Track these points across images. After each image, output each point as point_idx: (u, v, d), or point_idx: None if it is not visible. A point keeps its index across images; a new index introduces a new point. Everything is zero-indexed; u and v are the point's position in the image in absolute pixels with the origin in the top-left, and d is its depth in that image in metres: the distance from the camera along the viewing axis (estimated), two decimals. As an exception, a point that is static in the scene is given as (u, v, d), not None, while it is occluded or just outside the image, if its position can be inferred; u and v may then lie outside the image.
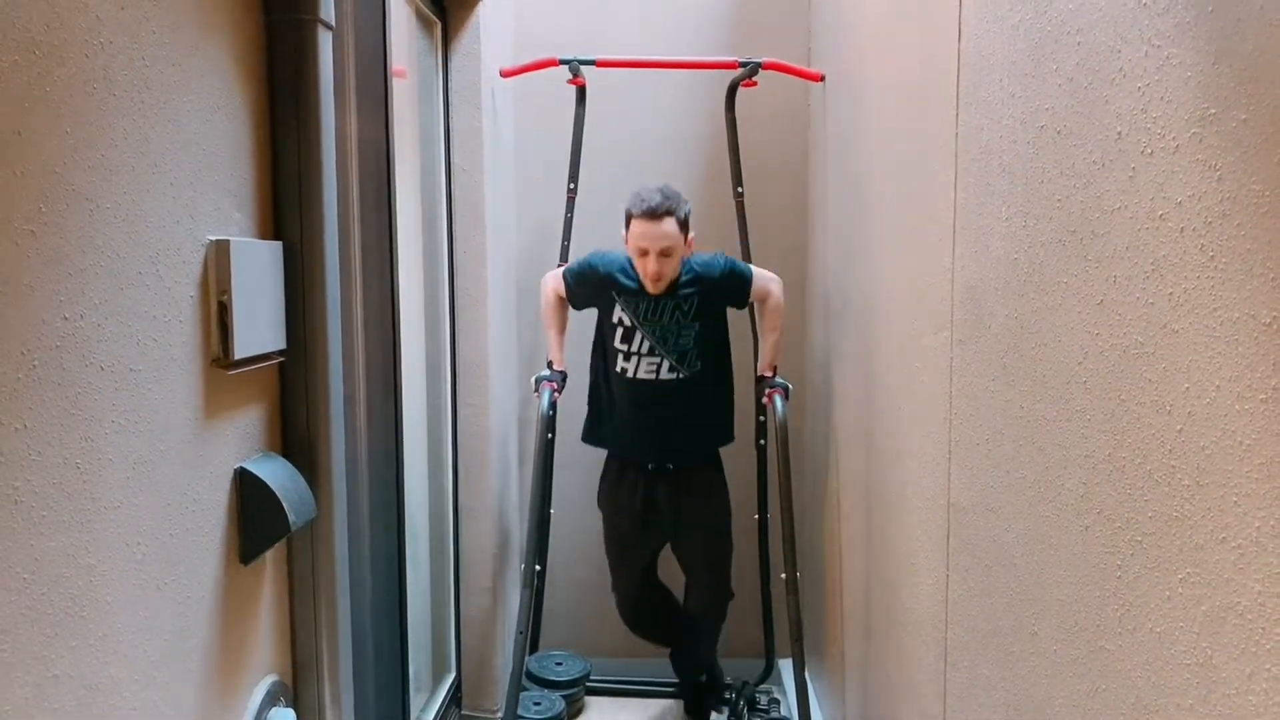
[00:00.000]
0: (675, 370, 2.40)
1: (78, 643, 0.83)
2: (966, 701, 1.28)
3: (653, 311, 2.37)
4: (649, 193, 2.27)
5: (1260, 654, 0.66)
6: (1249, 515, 0.67)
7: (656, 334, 2.38)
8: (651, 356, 2.40)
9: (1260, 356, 0.65)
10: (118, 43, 0.88)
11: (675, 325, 2.38)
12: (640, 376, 2.41)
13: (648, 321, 2.38)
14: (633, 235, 2.29)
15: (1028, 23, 1.05)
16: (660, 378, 2.40)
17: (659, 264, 2.28)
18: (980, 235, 1.21)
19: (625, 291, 2.39)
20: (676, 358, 2.39)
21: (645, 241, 2.27)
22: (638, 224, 2.27)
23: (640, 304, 2.37)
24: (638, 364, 2.41)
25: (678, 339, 2.38)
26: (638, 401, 2.45)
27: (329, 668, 1.27)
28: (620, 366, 2.43)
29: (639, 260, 2.32)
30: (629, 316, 2.39)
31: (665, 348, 2.38)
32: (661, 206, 2.25)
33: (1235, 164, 0.68)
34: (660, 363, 2.39)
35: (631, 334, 2.40)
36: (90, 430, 0.84)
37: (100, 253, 0.85)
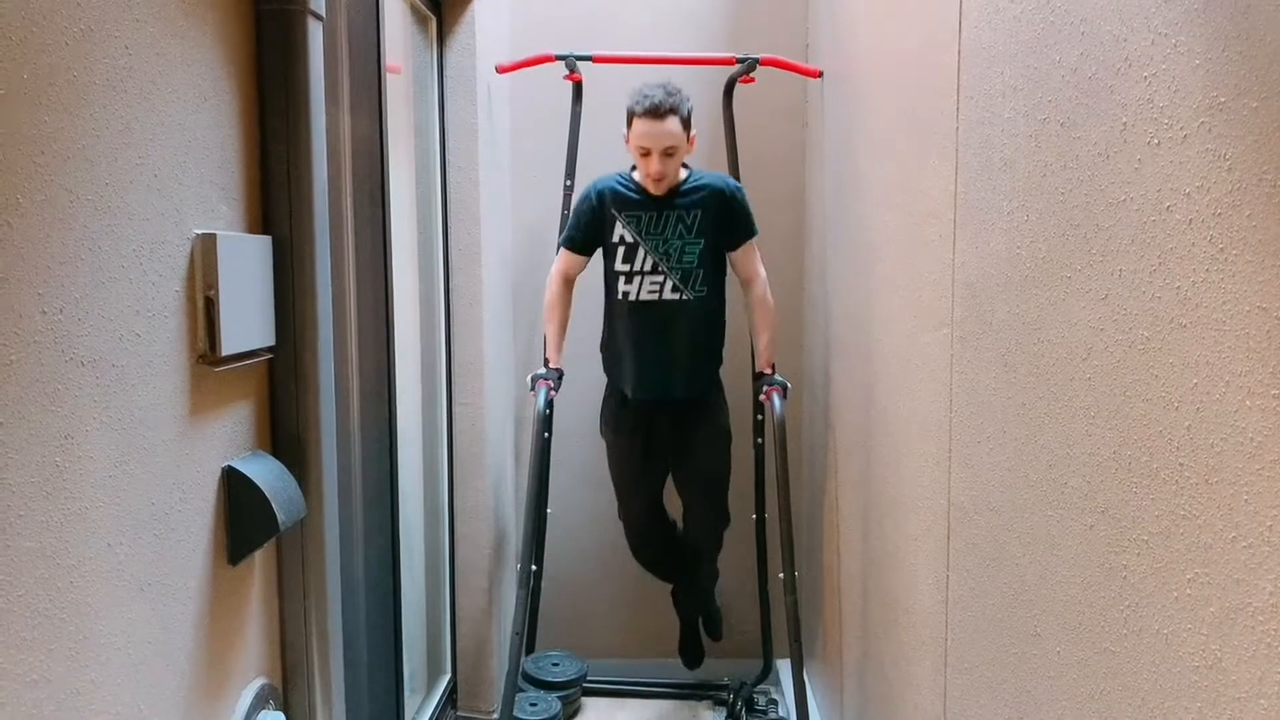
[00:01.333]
0: (679, 290, 2.33)
1: (57, 646, 0.80)
2: (967, 704, 1.26)
3: (656, 224, 2.31)
4: (651, 89, 2.22)
5: (1272, 656, 0.64)
6: (1260, 514, 0.65)
7: (660, 249, 2.32)
8: (654, 275, 2.33)
9: (1271, 351, 0.64)
10: (99, 29, 0.86)
11: (679, 239, 2.31)
12: (643, 298, 2.34)
13: (650, 235, 2.32)
14: (635, 134, 2.24)
15: (1030, 13, 1.03)
16: (663, 298, 2.34)
17: (662, 163, 2.23)
18: (981, 230, 1.19)
19: (626, 204, 2.32)
20: (680, 277, 2.33)
21: (648, 140, 2.21)
22: (640, 123, 2.21)
23: (642, 216, 2.31)
24: (640, 285, 2.34)
25: (682, 254, 2.32)
26: (640, 327, 2.38)
27: (319, 670, 1.25)
28: (622, 291, 2.36)
29: (641, 160, 2.26)
30: (630, 232, 2.32)
31: (669, 264, 2.32)
32: (665, 104, 2.19)
33: (1246, 153, 0.66)
34: (663, 282, 2.33)
35: (634, 251, 2.33)
36: (70, 428, 0.82)
37: (80, 246, 0.83)
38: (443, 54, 2.44)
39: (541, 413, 2.41)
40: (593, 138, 2.75)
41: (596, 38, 2.81)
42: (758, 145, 2.87)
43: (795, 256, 2.94)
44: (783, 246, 2.91)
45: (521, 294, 2.98)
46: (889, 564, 1.72)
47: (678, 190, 2.32)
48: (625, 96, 2.32)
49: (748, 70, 2.60)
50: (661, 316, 2.36)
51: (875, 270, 1.86)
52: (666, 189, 2.30)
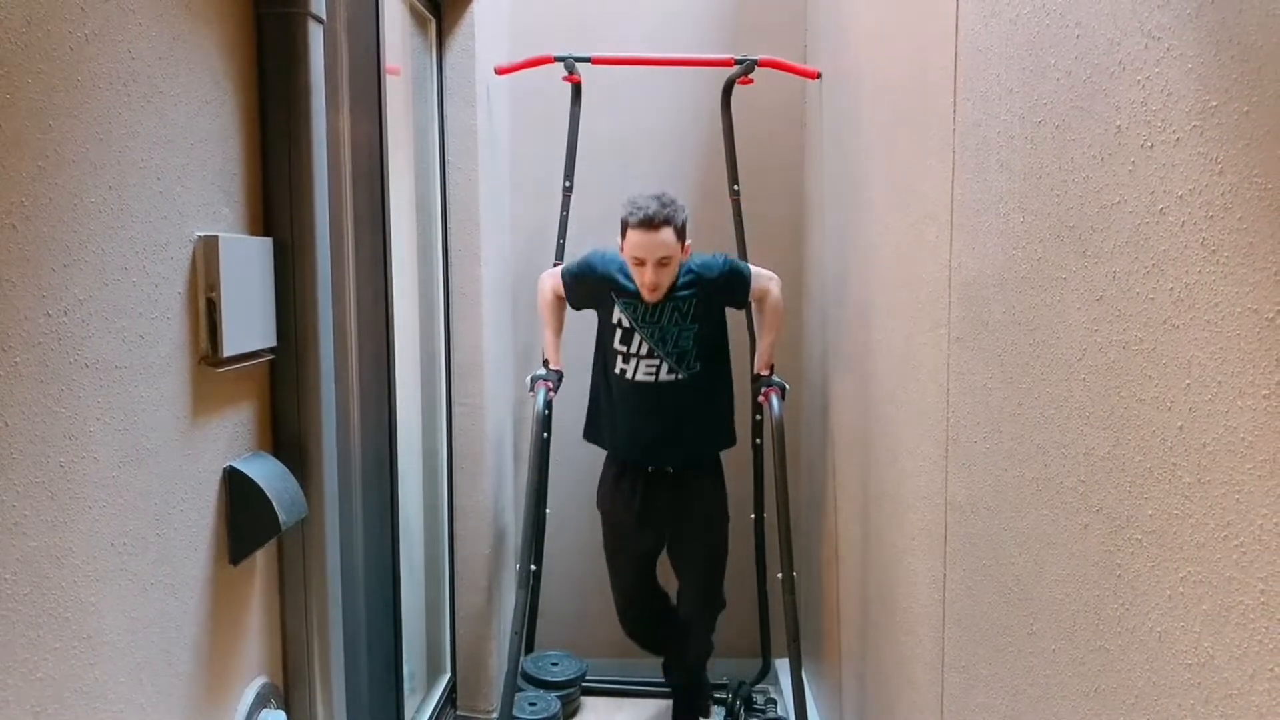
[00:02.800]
0: (674, 372, 2.37)
1: (61, 645, 0.81)
2: (964, 702, 1.27)
3: (652, 313, 2.35)
4: (645, 201, 2.24)
5: (1263, 654, 0.65)
6: (1251, 513, 0.66)
7: (655, 336, 2.36)
8: (650, 358, 2.37)
9: (1263, 352, 0.64)
10: (103, 35, 0.86)
11: (674, 327, 2.36)
12: (639, 378, 2.39)
13: (646, 324, 2.36)
14: (629, 245, 2.26)
15: (1025, 16, 1.04)
16: (660, 379, 2.38)
17: (656, 274, 2.25)
18: (978, 231, 1.20)
19: (624, 293, 2.37)
20: (675, 359, 2.37)
21: (642, 252, 2.24)
22: (634, 234, 2.24)
23: (639, 306, 2.35)
24: (637, 366, 2.39)
25: (677, 340, 2.36)
26: (637, 404, 2.42)
27: (320, 669, 1.26)
28: (619, 368, 2.41)
29: (636, 270, 2.29)
30: (628, 318, 2.38)
31: (664, 349, 2.36)
32: (658, 216, 2.21)
33: (1237, 157, 0.67)
34: (659, 365, 2.37)
35: (630, 335, 2.38)
36: (74, 429, 0.83)
37: (84, 249, 0.84)
38: (442, 55, 2.45)
39: (540, 413, 2.41)
40: (592, 139, 2.75)
41: (595, 39, 2.82)
42: (756, 146, 2.88)
43: (793, 257, 2.94)
44: (781, 247, 2.92)
45: (521, 294, 2.99)
46: (887, 563, 1.73)
47: (674, 286, 2.34)
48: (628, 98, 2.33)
49: (746, 71, 2.60)
50: (658, 394, 2.39)
51: (873, 271, 1.87)
52: (661, 297, 2.32)
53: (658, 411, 2.41)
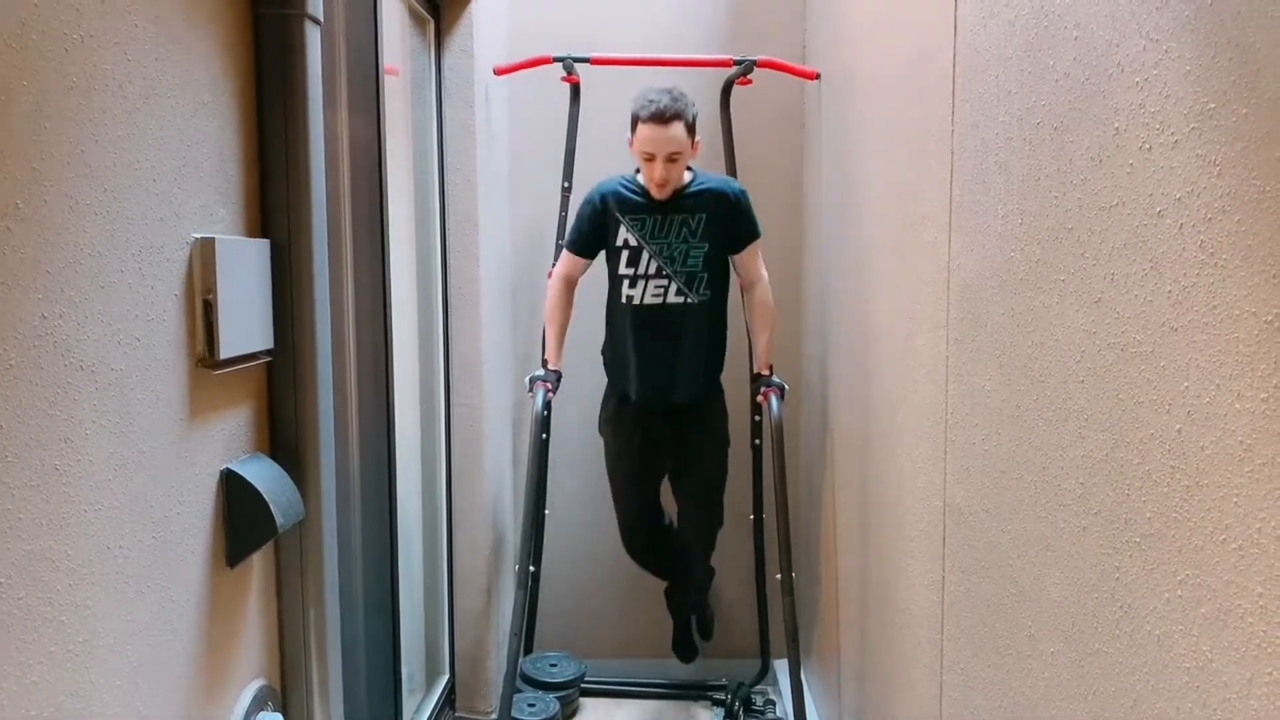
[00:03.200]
0: (683, 294, 2.34)
1: (56, 648, 0.81)
2: (962, 704, 1.26)
3: (660, 228, 2.31)
4: (656, 94, 2.21)
5: (1261, 657, 0.64)
6: (1249, 516, 0.65)
7: (664, 252, 2.32)
8: (659, 278, 2.33)
9: (1261, 355, 0.64)
10: (99, 36, 0.86)
11: (683, 244, 2.32)
12: (647, 301, 2.34)
13: (655, 239, 2.32)
14: (639, 139, 2.24)
15: (1024, 18, 1.04)
16: (667, 302, 2.34)
17: (666, 169, 2.23)
18: (976, 233, 1.20)
19: (630, 207, 2.33)
20: (684, 280, 2.33)
21: (652, 146, 2.21)
22: (645, 128, 2.21)
23: (646, 220, 2.31)
24: (644, 288, 2.34)
25: (686, 258, 2.32)
26: (644, 331, 2.38)
27: (318, 671, 1.26)
28: (626, 294, 2.37)
29: (645, 165, 2.26)
30: (635, 235, 2.33)
31: (673, 267, 2.33)
32: (669, 109, 2.19)
33: (1235, 159, 0.67)
34: (668, 285, 2.33)
35: (638, 255, 2.34)
36: (70, 431, 0.82)
37: (80, 250, 0.84)
38: (441, 56, 2.45)
39: (539, 414, 2.41)
40: (591, 139, 2.75)
41: (594, 40, 2.82)
42: (755, 147, 2.88)
43: (793, 258, 2.94)
44: (780, 248, 2.91)
45: (519, 296, 2.98)
46: (885, 565, 1.73)
47: (682, 194, 2.32)
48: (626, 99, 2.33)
49: (745, 72, 2.60)
50: (665, 320, 2.37)
51: (872, 272, 1.87)
52: (670, 193, 2.30)
53: (665, 339, 2.36)
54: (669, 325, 2.36)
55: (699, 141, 2.32)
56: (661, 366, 2.40)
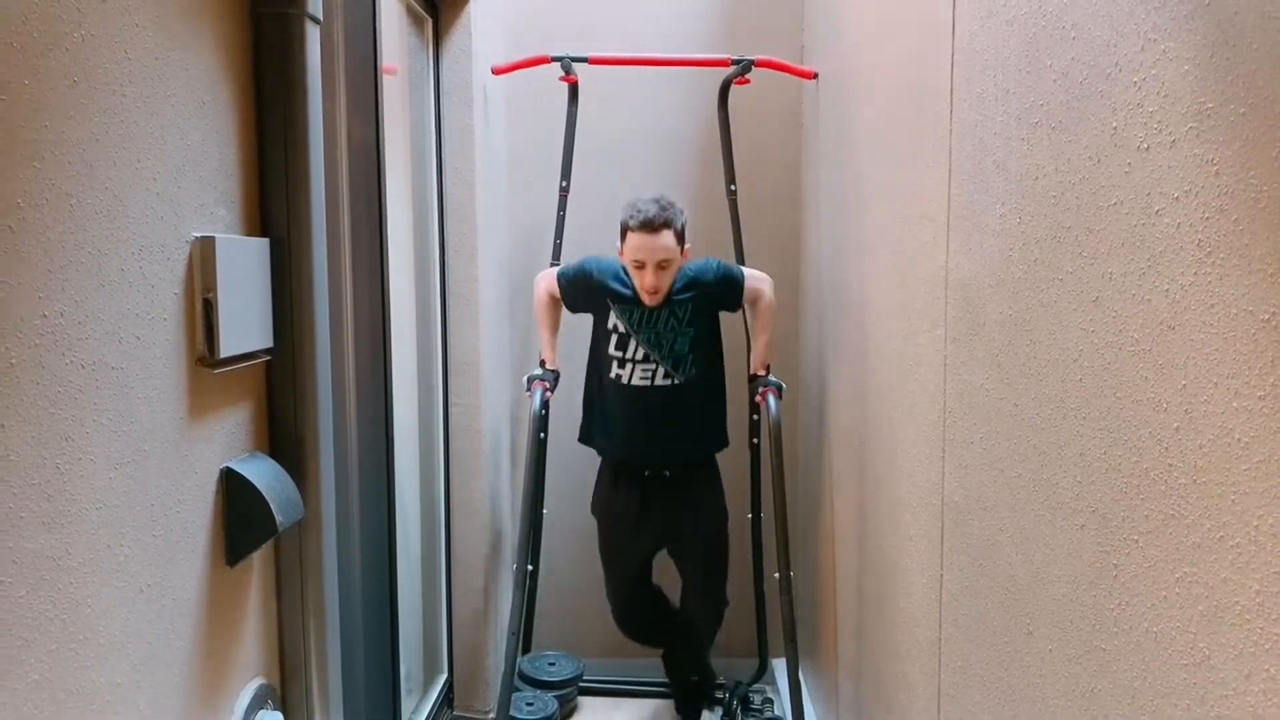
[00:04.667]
0: (670, 376, 2.38)
1: (57, 647, 0.81)
2: (960, 702, 1.27)
3: (648, 319, 2.35)
4: (645, 204, 2.24)
5: (1259, 654, 0.65)
6: (1247, 514, 0.66)
7: (651, 341, 2.36)
8: (646, 363, 2.38)
9: (1258, 353, 0.65)
10: (100, 35, 0.86)
11: (671, 332, 2.36)
12: (635, 383, 2.39)
13: (643, 329, 2.36)
14: (629, 248, 2.26)
15: (1022, 17, 1.04)
16: (655, 384, 2.38)
17: (656, 277, 2.26)
18: (974, 232, 1.20)
19: (620, 299, 2.37)
20: (671, 364, 2.37)
21: (642, 255, 2.24)
22: (634, 237, 2.24)
23: (635, 311, 2.36)
24: (632, 371, 2.39)
25: (673, 345, 2.36)
26: (632, 408, 2.43)
27: (317, 669, 1.26)
28: (615, 373, 2.41)
29: (636, 273, 2.29)
30: (624, 324, 2.38)
31: (660, 354, 2.37)
32: (659, 219, 2.21)
33: (1233, 158, 0.67)
34: (655, 369, 2.38)
35: (626, 341, 2.39)
36: (70, 430, 0.82)
37: (81, 249, 0.84)
38: (439, 55, 2.45)
39: (537, 413, 2.41)
40: (588, 139, 2.75)
41: (592, 39, 2.82)
42: (753, 146, 2.88)
43: (791, 257, 2.94)
44: (778, 247, 2.92)
45: (518, 295, 2.98)
46: (883, 563, 1.73)
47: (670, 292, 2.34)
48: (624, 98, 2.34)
49: (743, 72, 2.60)
50: (654, 398, 2.40)
51: (870, 271, 1.87)
52: (661, 300, 2.32)
53: (654, 415, 2.41)
54: (656, 403, 2.40)
55: (688, 249, 2.34)
56: (650, 439, 2.44)
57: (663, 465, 2.46)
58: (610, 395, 2.46)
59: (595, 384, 2.52)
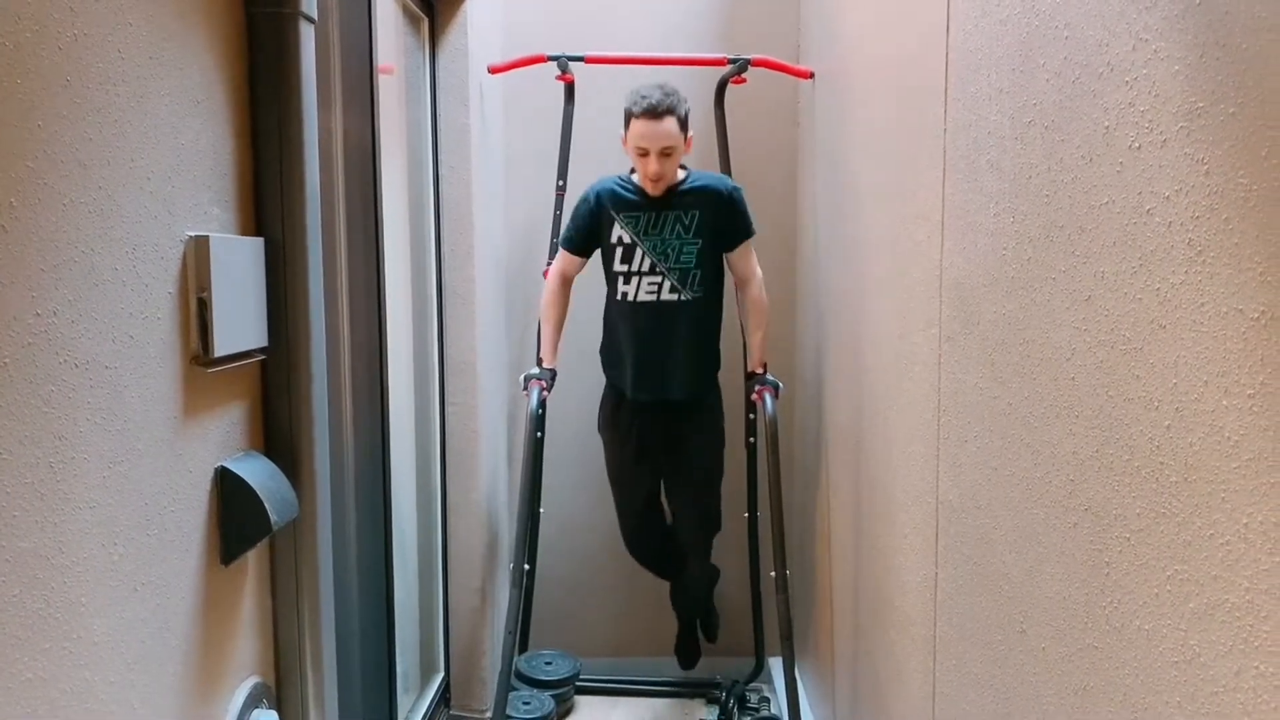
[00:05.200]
0: (676, 291, 2.35)
1: (50, 645, 0.81)
2: (955, 699, 1.27)
3: (653, 225, 2.33)
4: (649, 90, 2.24)
5: (1248, 651, 0.65)
6: (1236, 511, 0.66)
7: (658, 249, 2.34)
8: (652, 275, 2.35)
9: (1247, 351, 0.65)
10: (93, 35, 0.86)
11: (677, 240, 2.34)
12: (641, 299, 2.36)
13: (648, 235, 2.34)
14: (632, 135, 2.25)
15: (1016, 17, 1.04)
16: (661, 298, 2.35)
17: (660, 163, 2.25)
18: (968, 231, 1.20)
19: (624, 205, 2.35)
20: (678, 277, 2.35)
21: (646, 141, 2.23)
22: (638, 123, 2.23)
23: (640, 217, 2.34)
24: (638, 285, 2.36)
25: (679, 255, 2.34)
26: (638, 328, 2.39)
27: (312, 668, 1.26)
28: (621, 291, 2.39)
29: (639, 160, 2.28)
30: (629, 232, 2.35)
31: (667, 264, 2.35)
32: (663, 104, 2.21)
33: (1222, 158, 0.67)
34: (661, 282, 2.35)
35: (632, 251, 2.36)
36: (64, 429, 0.82)
37: (74, 249, 0.84)
38: (435, 54, 2.44)
39: (534, 412, 2.41)
40: (585, 138, 2.75)
41: (588, 39, 2.82)
42: (749, 146, 2.88)
43: (787, 256, 2.95)
44: (774, 246, 2.92)
45: (514, 294, 2.98)
46: (879, 562, 1.73)
47: (676, 190, 2.34)
48: (620, 97, 2.33)
49: (739, 71, 2.61)
50: (659, 316, 2.38)
51: (865, 270, 1.87)
52: (664, 189, 2.32)
53: (659, 336, 2.38)
54: (663, 322, 2.38)
55: (692, 137, 2.34)
56: (656, 363, 2.41)
57: (665, 396, 2.43)
58: (618, 319, 2.44)
59: (608, 317, 2.50)
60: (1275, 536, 0.62)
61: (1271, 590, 0.63)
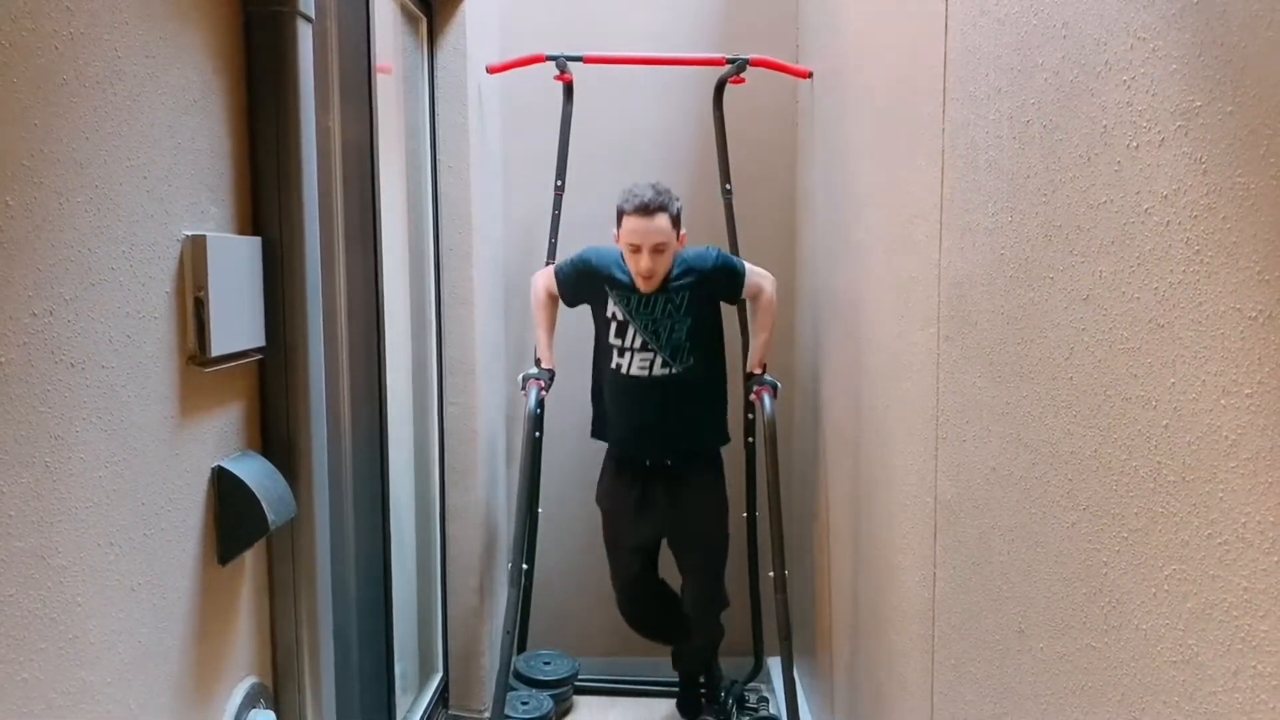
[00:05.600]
0: (668, 365, 2.39)
1: (47, 645, 0.81)
2: (954, 699, 1.27)
3: (645, 305, 2.37)
4: (641, 189, 2.27)
5: (1246, 651, 0.65)
6: (1234, 511, 0.66)
7: (649, 328, 2.38)
8: (644, 352, 2.39)
9: (1245, 351, 0.65)
10: (90, 33, 0.86)
11: (668, 319, 2.37)
12: (633, 373, 2.40)
13: (640, 315, 2.38)
14: (625, 232, 2.29)
15: (1014, 16, 1.04)
16: (653, 374, 2.39)
17: (652, 260, 2.28)
18: (967, 231, 1.20)
19: (618, 286, 2.39)
20: (669, 353, 2.38)
21: (638, 238, 2.26)
22: (630, 220, 2.27)
23: (633, 298, 2.37)
24: (631, 360, 2.40)
25: (670, 333, 2.38)
26: (632, 398, 2.44)
27: (310, 668, 1.26)
28: (615, 363, 2.43)
29: (631, 257, 2.31)
30: (622, 311, 2.39)
31: (658, 342, 2.38)
32: (654, 202, 2.25)
33: (1220, 157, 0.67)
34: (653, 358, 2.39)
35: (625, 329, 2.40)
36: (60, 429, 0.82)
37: (70, 248, 0.84)
38: (434, 54, 2.44)
39: (533, 412, 2.41)
40: (583, 138, 2.75)
41: (587, 38, 2.82)
42: (748, 145, 2.88)
43: (786, 256, 2.95)
44: (773, 246, 2.92)
45: (513, 294, 2.98)
46: (878, 561, 1.73)
47: (668, 278, 2.36)
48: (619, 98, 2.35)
49: (738, 71, 2.60)
50: (653, 389, 2.41)
51: (864, 270, 1.87)
52: (656, 286, 2.34)
53: (652, 405, 2.42)
54: (655, 394, 2.41)
55: (684, 235, 2.36)
56: (649, 428, 2.45)
57: (663, 455, 2.47)
58: (611, 386, 2.47)
59: (599, 377, 2.53)
60: (1273, 536, 0.62)
61: (1269, 590, 0.62)
